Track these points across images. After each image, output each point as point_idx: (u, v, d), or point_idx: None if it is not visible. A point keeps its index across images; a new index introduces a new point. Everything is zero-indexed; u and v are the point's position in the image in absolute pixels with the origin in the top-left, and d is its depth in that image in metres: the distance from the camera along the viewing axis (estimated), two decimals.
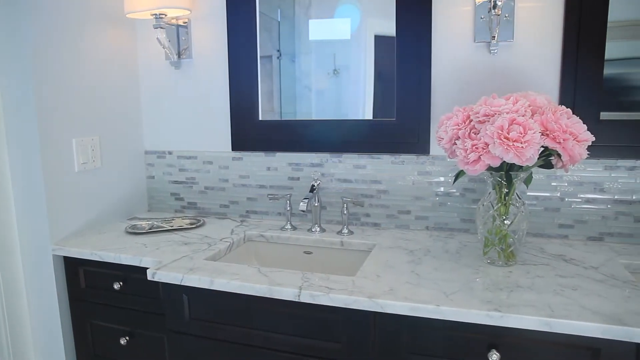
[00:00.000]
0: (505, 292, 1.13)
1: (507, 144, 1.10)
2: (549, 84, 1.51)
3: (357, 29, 1.66)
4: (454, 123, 1.23)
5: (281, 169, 1.80)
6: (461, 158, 1.18)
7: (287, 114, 1.79)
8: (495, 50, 1.53)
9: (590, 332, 0.98)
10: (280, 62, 1.78)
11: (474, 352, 1.08)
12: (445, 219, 1.63)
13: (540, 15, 1.49)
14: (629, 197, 1.48)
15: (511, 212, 1.26)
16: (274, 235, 1.66)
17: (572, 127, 1.15)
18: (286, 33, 1.76)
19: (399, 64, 1.60)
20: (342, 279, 1.21)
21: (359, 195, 1.71)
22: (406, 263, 1.33)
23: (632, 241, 1.49)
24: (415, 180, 1.64)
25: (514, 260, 1.31)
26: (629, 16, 1.44)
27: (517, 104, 1.16)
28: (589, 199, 1.51)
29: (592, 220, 1.52)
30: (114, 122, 1.83)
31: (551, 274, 1.24)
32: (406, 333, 1.12)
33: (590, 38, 1.45)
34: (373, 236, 1.60)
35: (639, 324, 0.97)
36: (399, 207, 1.67)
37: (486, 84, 1.55)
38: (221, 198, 1.90)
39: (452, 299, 1.09)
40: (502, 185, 1.24)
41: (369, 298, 1.10)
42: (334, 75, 1.70)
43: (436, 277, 1.22)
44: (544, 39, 1.50)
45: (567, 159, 1.15)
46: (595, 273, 1.25)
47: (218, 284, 1.24)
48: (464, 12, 1.55)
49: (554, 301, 1.08)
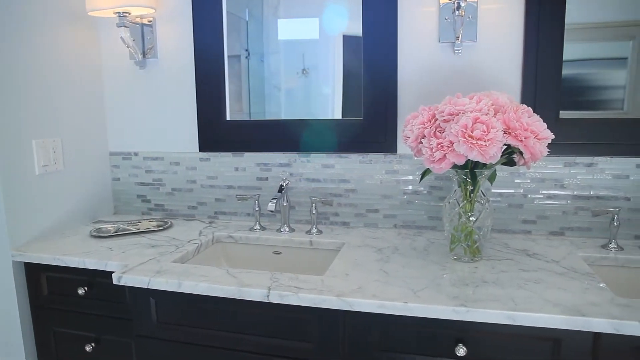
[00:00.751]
0: (471, 287, 1.15)
1: (471, 142, 1.12)
2: (511, 84, 1.55)
3: (325, 29, 1.67)
4: (419, 122, 1.25)
5: (249, 170, 1.79)
6: (427, 156, 1.19)
7: (256, 114, 1.78)
8: (459, 50, 1.56)
9: (552, 323, 1.01)
10: (249, 62, 1.77)
11: (442, 347, 1.10)
12: (413, 217, 1.66)
13: (502, 17, 1.53)
14: (587, 192, 1.54)
15: (476, 209, 1.29)
16: (243, 236, 1.65)
17: (533, 125, 1.18)
18: (254, 33, 1.75)
19: (365, 64, 1.61)
20: (311, 279, 1.22)
21: (328, 194, 1.71)
22: (375, 261, 1.34)
23: (591, 235, 1.55)
24: (383, 179, 1.66)
25: (480, 256, 1.34)
26: (585, 19, 1.49)
27: (481, 103, 1.19)
28: (550, 195, 1.56)
29: (553, 216, 1.57)
30: (77, 123, 1.78)
31: (515, 268, 1.28)
32: (376, 330, 1.13)
33: (549, 40, 1.49)
34: (342, 235, 1.61)
35: (596, 314, 1.00)
36: (367, 205, 1.69)
37: (451, 83, 1.58)
38: (189, 199, 1.88)
39: (420, 296, 1.11)
40: (467, 182, 1.27)
41: (338, 297, 1.11)
42: (303, 75, 1.70)
43: (404, 275, 1.24)
44: (506, 40, 1.54)
45: (528, 156, 1.18)
46: (557, 266, 1.29)
47: (186, 287, 1.22)
48: (429, 13, 1.58)
49: (517, 295, 1.11)
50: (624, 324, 0.98)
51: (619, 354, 1.02)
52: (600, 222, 1.54)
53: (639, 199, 1.51)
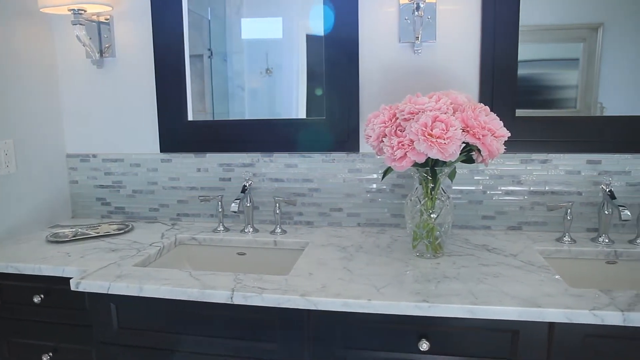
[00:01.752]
0: (433, 283, 1.18)
1: (431, 140, 1.14)
2: (469, 83, 1.59)
3: (289, 29, 1.66)
4: (380, 121, 1.26)
5: (212, 170, 1.77)
6: (388, 155, 1.21)
7: (220, 114, 1.76)
8: (419, 50, 1.59)
9: (510, 315, 1.05)
10: (212, 61, 1.75)
11: (406, 342, 1.12)
12: (376, 215, 1.68)
13: (460, 18, 1.56)
14: (543, 188, 1.59)
15: (437, 206, 1.31)
16: (206, 237, 1.63)
17: (490, 123, 1.21)
18: (217, 32, 1.73)
19: (327, 64, 1.62)
20: (275, 279, 1.21)
21: (291, 194, 1.71)
22: (339, 259, 1.35)
23: (546, 229, 1.60)
24: (346, 178, 1.67)
25: (442, 252, 1.36)
26: (539, 21, 1.55)
27: (440, 102, 1.21)
28: (508, 191, 1.61)
29: (511, 211, 1.61)
30: (31, 124, 1.71)
31: (475, 263, 1.31)
32: (340, 329, 1.14)
33: (505, 40, 1.54)
34: (306, 234, 1.61)
35: (551, 305, 1.04)
36: (331, 204, 1.70)
37: (411, 82, 1.60)
38: (150, 201, 1.84)
39: (383, 293, 1.12)
40: (428, 180, 1.29)
41: (302, 296, 1.11)
42: (266, 74, 1.70)
43: (368, 272, 1.25)
44: (464, 40, 1.57)
45: (486, 153, 1.21)
46: (514, 260, 1.33)
47: (148, 291, 1.19)
48: (389, 14, 1.60)
49: (477, 289, 1.13)
50: (576, 313, 1.02)
51: (572, 341, 1.06)
52: (554, 217, 1.59)
53: (589, 194, 1.58)
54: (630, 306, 1.04)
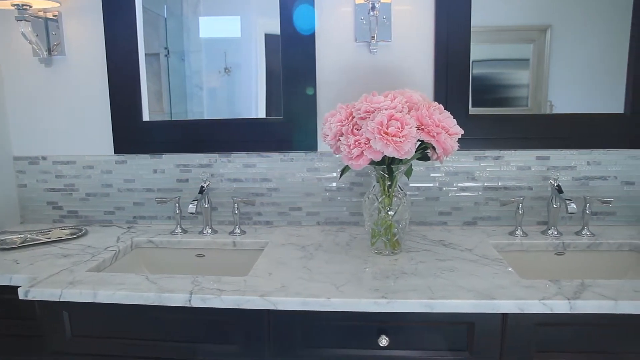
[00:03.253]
0: (391, 279, 1.19)
1: (386, 138, 1.16)
2: (424, 82, 1.62)
3: (247, 27, 1.65)
4: (337, 120, 1.27)
5: (169, 171, 1.73)
6: (345, 154, 1.22)
7: (178, 114, 1.73)
8: (375, 50, 1.61)
9: (465, 308, 1.07)
10: (169, 61, 1.71)
11: (365, 339, 1.13)
12: (335, 213, 1.69)
13: (414, 18, 1.59)
14: (496, 183, 1.64)
15: (394, 203, 1.33)
16: (164, 240, 1.59)
17: (444, 121, 1.24)
18: (174, 30, 1.70)
19: (284, 63, 1.61)
20: (234, 280, 1.20)
21: (250, 194, 1.70)
22: (298, 259, 1.35)
23: (500, 223, 1.66)
24: (305, 177, 1.68)
25: (400, 248, 1.39)
26: (491, 22, 1.59)
27: (395, 101, 1.23)
28: (463, 187, 1.65)
29: (466, 207, 1.66)
30: None
31: (432, 258, 1.34)
32: (300, 328, 1.14)
33: (458, 41, 1.58)
34: (265, 234, 1.60)
35: (503, 297, 1.08)
36: (290, 204, 1.69)
37: (368, 82, 1.62)
38: (105, 204, 1.79)
39: (342, 291, 1.13)
40: (385, 178, 1.31)
41: (261, 296, 1.10)
42: (225, 73, 1.67)
43: (327, 271, 1.26)
44: (418, 40, 1.60)
45: (441, 151, 1.24)
46: (470, 254, 1.36)
47: (102, 296, 1.16)
48: (345, 13, 1.61)
49: (434, 284, 1.16)
50: (527, 303, 1.06)
51: (523, 330, 1.10)
52: (507, 211, 1.65)
53: (539, 188, 1.64)
54: (576, 294, 1.08)
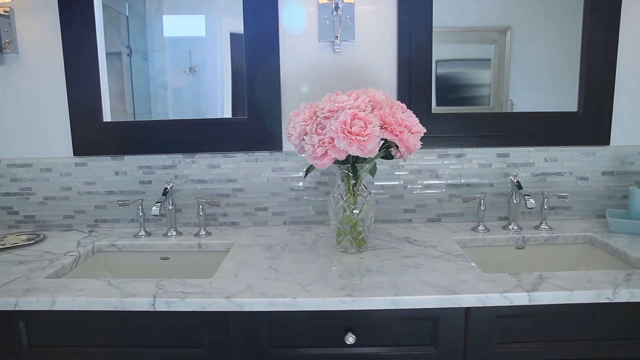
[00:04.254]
0: (357, 277, 1.20)
1: (350, 137, 1.16)
2: (388, 81, 1.64)
3: (212, 26, 1.63)
4: (301, 119, 1.27)
5: (131, 173, 1.69)
6: (309, 153, 1.22)
7: (142, 115, 1.69)
8: (338, 49, 1.61)
9: (430, 304, 1.09)
10: (131, 60, 1.67)
11: (332, 337, 1.14)
12: (301, 212, 1.69)
13: (377, 18, 1.61)
14: (458, 181, 1.68)
15: (359, 202, 1.34)
16: (127, 243, 1.56)
17: (407, 120, 1.25)
18: (137, 29, 1.66)
19: (248, 62, 1.60)
20: (199, 282, 1.19)
21: (215, 195, 1.68)
22: (264, 259, 1.35)
23: (463, 219, 1.69)
24: (271, 177, 1.67)
25: (365, 246, 1.40)
26: (454, 23, 1.62)
27: (358, 100, 1.24)
28: (427, 184, 1.68)
29: (430, 204, 1.69)
30: None
31: (398, 255, 1.35)
32: (266, 328, 1.14)
33: (420, 41, 1.60)
34: (231, 235, 1.59)
35: (466, 291, 1.10)
36: (256, 204, 1.68)
37: (332, 81, 1.63)
38: (64, 208, 1.73)
39: (309, 290, 1.13)
40: (350, 177, 1.32)
41: (227, 298, 1.09)
42: (190, 73, 1.65)
43: (293, 270, 1.26)
44: (381, 40, 1.62)
45: (404, 149, 1.26)
46: (434, 251, 1.39)
47: (61, 304, 1.12)
48: (309, 13, 1.61)
49: (399, 280, 1.17)
50: (489, 296, 1.09)
51: (485, 323, 1.13)
52: (470, 207, 1.69)
53: (500, 185, 1.68)
54: (534, 286, 1.12)
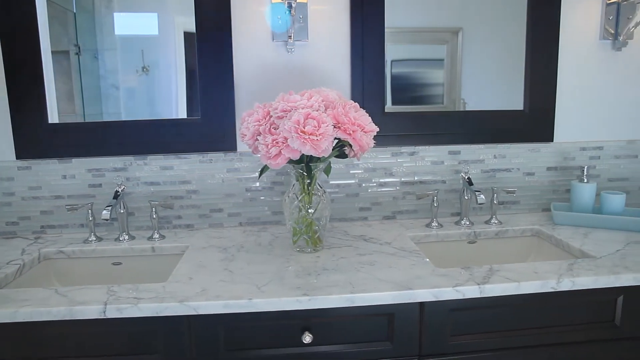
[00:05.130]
0: (313, 276, 1.21)
1: (303, 137, 1.17)
2: (342, 81, 1.65)
3: (165, 25, 1.59)
4: (254, 119, 1.26)
5: (80, 177, 1.63)
6: (263, 153, 1.21)
7: (93, 116, 1.63)
8: (292, 49, 1.61)
9: (385, 300, 1.11)
10: (80, 59, 1.61)
11: (289, 337, 1.14)
12: (257, 213, 1.68)
13: (331, 18, 1.62)
14: (412, 178, 1.71)
15: (314, 201, 1.35)
16: (76, 249, 1.50)
17: (360, 119, 1.27)
18: (85, 27, 1.60)
19: (200, 62, 1.58)
20: (153, 287, 1.16)
21: (169, 197, 1.65)
22: (220, 261, 1.33)
23: (417, 216, 1.73)
24: (225, 178, 1.65)
25: (321, 245, 1.41)
26: (407, 24, 1.65)
27: (312, 100, 1.24)
28: (381, 182, 1.70)
29: (385, 202, 1.71)
30: None
31: (353, 253, 1.37)
32: (223, 331, 1.12)
33: (373, 41, 1.62)
34: (186, 238, 1.56)
35: (420, 286, 1.13)
36: (211, 205, 1.66)
37: (286, 81, 1.63)
38: (7, 215, 1.65)
39: (264, 291, 1.12)
40: (304, 176, 1.32)
41: (181, 302, 1.07)
42: (143, 73, 1.61)
43: (249, 271, 1.25)
44: (335, 40, 1.63)
45: (357, 148, 1.27)
46: (389, 248, 1.41)
47: (2, 316, 1.07)
48: (262, 12, 1.60)
49: (355, 278, 1.19)
50: (442, 291, 1.12)
51: (439, 317, 1.15)
52: (423, 204, 1.72)
53: (452, 181, 1.73)
54: (485, 279, 1.16)
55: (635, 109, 1.80)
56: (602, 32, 1.73)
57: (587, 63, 1.75)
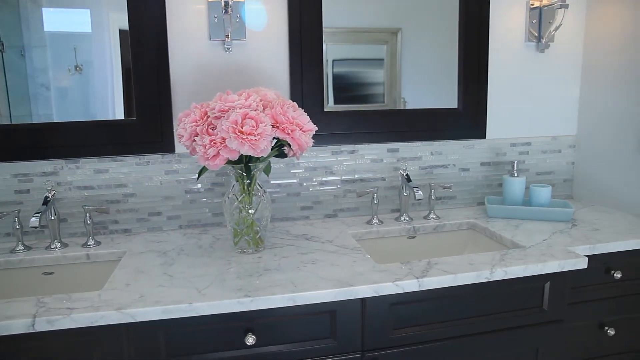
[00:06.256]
0: (255, 277, 1.20)
1: (241, 137, 1.16)
2: (281, 81, 1.65)
3: (99, 22, 1.52)
4: (191, 120, 1.24)
5: (4, 182, 1.53)
6: (201, 154, 1.19)
7: (21, 117, 1.53)
8: (230, 48, 1.59)
9: (327, 298, 1.12)
10: (4, 56, 1.51)
11: (232, 340, 1.12)
12: (197, 215, 1.64)
13: (269, 17, 1.61)
14: (352, 176, 1.74)
15: (255, 201, 1.34)
16: (2, 260, 1.41)
17: (298, 118, 1.27)
18: (10, 22, 1.50)
19: (135, 61, 1.53)
20: (87, 296, 1.11)
21: (104, 201, 1.58)
22: (159, 266, 1.29)
23: (358, 214, 1.76)
24: (164, 180, 1.61)
25: (263, 245, 1.40)
26: (347, 24, 1.67)
27: (249, 99, 1.24)
28: (322, 181, 1.72)
29: (326, 200, 1.73)
30: None
31: (295, 252, 1.37)
32: (163, 338, 1.09)
33: (311, 40, 1.63)
34: (123, 243, 1.50)
35: (361, 282, 1.15)
36: (149, 209, 1.61)
37: (224, 80, 1.60)
38: None
39: (205, 294, 1.10)
40: (244, 177, 1.31)
41: (118, 310, 1.04)
42: (76, 72, 1.53)
43: (190, 275, 1.22)
44: (273, 39, 1.62)
45: (296, 147, 1.27)
46: (331, 246, 1.42)
47: None
48: (198, 11, 1.57)
49: (297, 277, 1.19)
50: (382, 286, 1.14)
51: (380, 312, 1.18)
52: (364, 202, 1.76)
53: (391, 178, 1.77)
54: (423, 273, 1.19)
55: (558, 107, 1.92)
56: (527, 34, 1.83)
57: (515, 64, 1.84)
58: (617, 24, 1.72)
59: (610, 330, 1.47)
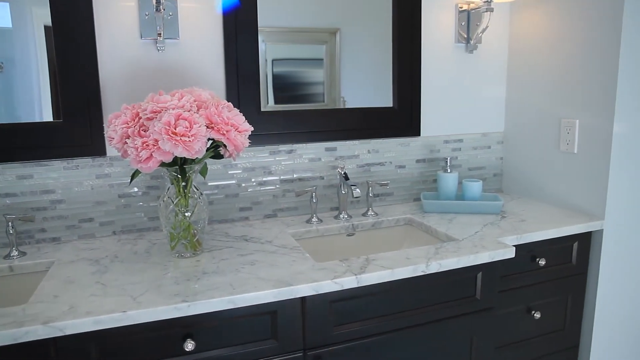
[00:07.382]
0: (193, 281, 1.18)
1: (175, 139, 1.13)
2: (216, 81, 1.62)
3: (20, 17, 1.42)
4: (122, 121, 1.19)
5: None
6: (133, 157, 1.15)
7: None
8: (162, 47, 1.55)
9: (266, 298, 1.12)
10: None
11: (170, 346, 1.10)
12: (132, 220, 1.58)
13: (202, 16, 1.58)
14: (291, 176, 1.74)
15: (191, 204, 1.31)
16: None
17: (233, 119, 1.26)
18: None
19: (59, 59, 1.45)
20: (10, 311, 1.04)
21: (29, 209, 1.49)
22: (90, 274, 1.24)
23: (297, 213, 1.76)
24: (95, 185, 1.54)
25: (201, 248, 1.37)
26: (285, 24, 1.67)
27: (183, 100, 1.21)
28: (261, 182, 1.71)
29: (266, 200, 1.72)
30: None
31: (234, 254, 1.36)
32: (96, 350, 1.05)
33: (246, 40, 1.61)
34: (51, 252, 1.42)
35: (300, 281, 1.15)
36: (79, 215, 1.53)
37: (157, 80, 1.56)
38: None
39: (140, 301, 1.07)
40: (179, 179, 1.28)
41: (45, 324, 0.98)
42: None
43: (124, 282, 1.18)
44: (207, 38, 1.59)
45: (232, 148, 1.26)
46: (270, 246, 1.42)
47: None
48: (128, 8, 1.51)
49: (236, 279, 1.18)
50: (321, 284, 1.15)
51: (320, 310, 1.19)
52: (303, 201, 1.76)
53: (329, 177, 1.79)
54: (361, 269, 1.22)
55: (487, 105, 2.01)
56: (456, 36, 1.90)
57: (446, 64, 1.91)
58: (538, 28, 1.83)
59: (537, 313, 1.57)
